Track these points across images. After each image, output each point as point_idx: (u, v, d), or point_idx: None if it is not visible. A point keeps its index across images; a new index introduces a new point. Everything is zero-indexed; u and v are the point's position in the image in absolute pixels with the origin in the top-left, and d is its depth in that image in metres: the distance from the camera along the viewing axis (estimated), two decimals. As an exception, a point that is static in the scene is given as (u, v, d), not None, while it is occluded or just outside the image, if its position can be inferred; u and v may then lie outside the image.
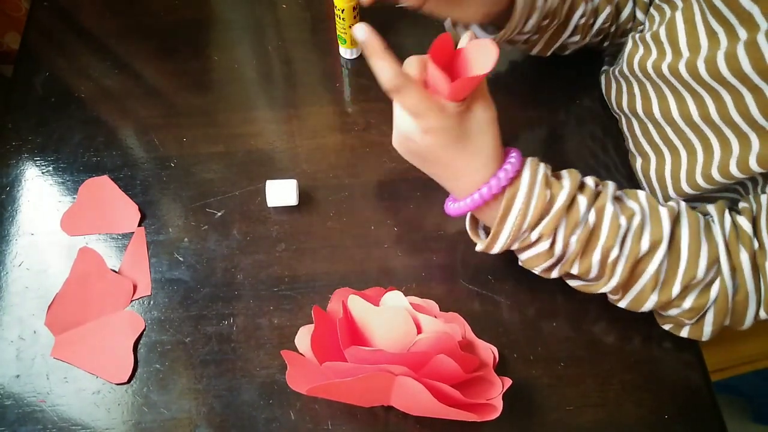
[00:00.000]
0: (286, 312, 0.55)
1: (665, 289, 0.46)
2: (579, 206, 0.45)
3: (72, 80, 0.67)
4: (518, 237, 0.46)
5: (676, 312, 0.48)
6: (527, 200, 0.45)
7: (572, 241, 0.46)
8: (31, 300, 0.55)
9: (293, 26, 0.72)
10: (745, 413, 1.18)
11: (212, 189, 0.61)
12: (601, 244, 0.45)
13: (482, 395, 0.46)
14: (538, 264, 0.48)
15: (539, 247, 0.47)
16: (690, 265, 0.45)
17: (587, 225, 0.45)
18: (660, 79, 0.53)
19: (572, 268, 0.48)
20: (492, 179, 0.45)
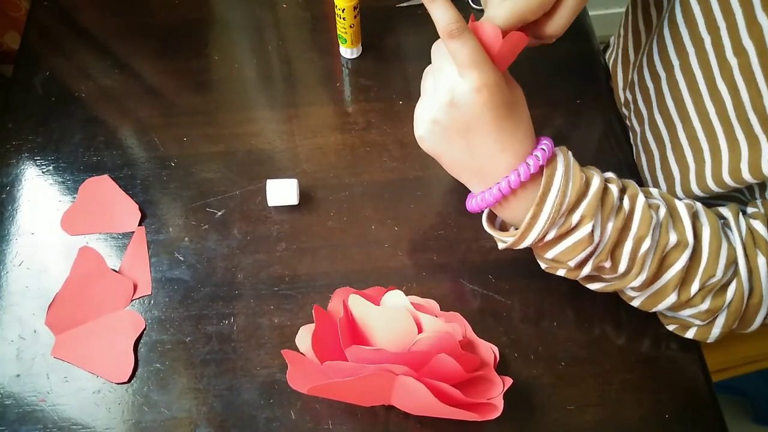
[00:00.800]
0: (286, 311, 0.55)
1: (685, 288, 0.45)
2: (612, 192, 0.44)
3: (72, 80, 0.67)
4: (557, 221, 0.43)
5: (690, 312, 0.47)
6: (566, 180, 0.42)
7: (609, 227, 0.43)
8: (32, 299, 0.55)
9: (293, 26, 0.72)
10: (745, 413, 1.18)
11: (212, 188, 0.61)
12: (633, 233, 0.44)
13: (483, 395, 0.46)
14: (575, 255, 0.44)
15: (580, 232, 0.43)
16: (710, 263, 0.44)
17: (623, 211, 0.43)
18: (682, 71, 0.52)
19: (606, 261, 0.45)
20: (529, 157, 0.42)
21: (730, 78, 0.46)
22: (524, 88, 0.67)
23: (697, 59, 0.50)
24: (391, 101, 0.66)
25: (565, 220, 0.43)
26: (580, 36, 0.71)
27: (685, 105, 0.52)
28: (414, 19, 0.72)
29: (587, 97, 0.67)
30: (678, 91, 0.53)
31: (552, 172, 0.42)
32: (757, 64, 0.43)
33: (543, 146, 0.43)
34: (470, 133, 0.42)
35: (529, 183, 0.43)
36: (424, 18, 0.72)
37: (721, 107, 0.48)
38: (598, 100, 0.67)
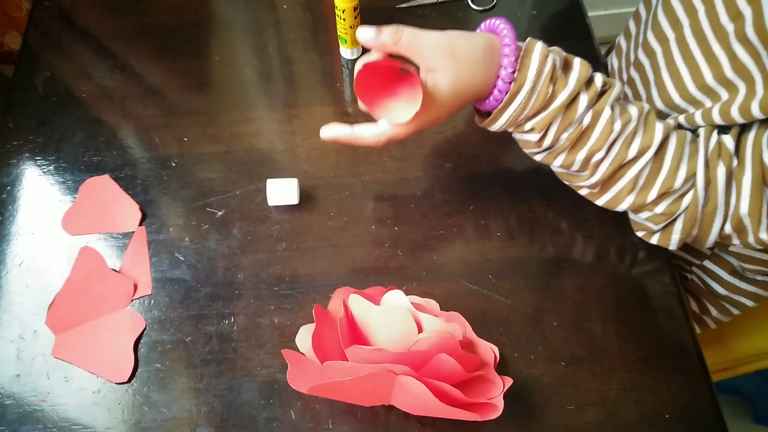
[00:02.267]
0: (286, 311, 0.55)
1: (642, 194, 0.50)
2: (578, 106, 0.47)
3: (73, 80, 0.67)
4: (514, 124, 0.49)
5: (647, 215, 0.52)
6: (528, 96, 0.46)
7: (562, 138, 0.48)
8: (32, 299, 0.55)
9: (293, 26, 0.72)
10: (745, 413, 1.18)
11: (213, 188, 0.61)
12: (588, 145, 0.48)
13: (483, 394, 0.46)
14: (525, 147, 0.52)
15: (530, 136, 0.49)
16: (669, 175, 0.48)
17: (581, 125, 0.47)
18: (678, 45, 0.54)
19: (555, 161, 0.50)
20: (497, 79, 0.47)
21: (726, 43, 0.48)
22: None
23: (691, 30, 0.52)
24: (392, 101, 0.66)
25: (521, 124, 0.48)
26: (580, 36, 0.71)
27: (681, 76, 0.53)
28: (414, 20, 0.72)
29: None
30: (674, 65, 0.54)
31: (518, 87, 0.46)
32: (751, 27, 0.45)
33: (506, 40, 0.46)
34: (443, 108, 0.48)
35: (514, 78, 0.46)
36: (424, 18, 0.72)
37: (718, 71, 0.49)
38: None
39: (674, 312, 0.55)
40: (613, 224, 0.59)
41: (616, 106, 0.48)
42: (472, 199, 0.60)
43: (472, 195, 0.61)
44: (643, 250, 0.58)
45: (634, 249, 0.58)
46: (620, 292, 0.56)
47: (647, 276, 0.57)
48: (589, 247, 0.58)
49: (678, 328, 0.54)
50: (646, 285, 0.56)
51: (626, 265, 0.57)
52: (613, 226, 0.59)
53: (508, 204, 0.60)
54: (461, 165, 0.62)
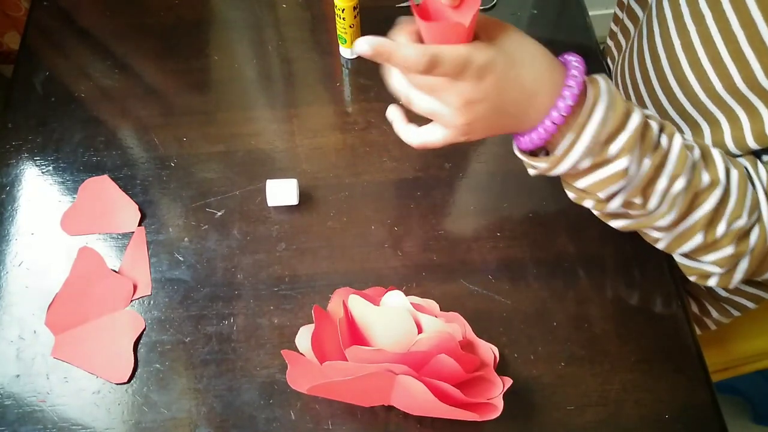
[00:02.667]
0: (286, 312, 0.55)
1: (711, 229, 0.45)
2: (653, 128, 0.42)
3: (72, 80, 0.67)
4: (594, 149, 0.41)
5: (714, 257, 0.47)
6: (609, 106, 0.41)
7: (645, 164, 0.42)
8: (31, 299, 0.55)
9: (293, 26, 0.72)
10: (745, 413, 1.18)
11: (212, 188, 0.61)
12: (669, 171, 0.43)
13: (483, 395, 0.46)
14: (606, 187, 0.43)
15: (616, 165, 0.42)
16: (738, 205, 0.44)
17: (660, 148, 0.42)
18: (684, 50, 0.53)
19: (637, 197, 0.44)
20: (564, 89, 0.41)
21: (737, 51, 0.46)
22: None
23: (698, 36, 0.50)
24: (391, 101, 0.66)
25: (602, 150, 0.41)
26: (580, 35, 0.71)
27: (689, 83, 0.52)
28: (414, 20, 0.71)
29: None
30: (680, 70, 0.53)
31: (595, 100, 0.40)
32: (766, 34, 0.43)
33: (574, 71, 0.41)
34: (497, 111, 0.42)
35: (570, 116, 0.41)
36: (424, 18, 0.72)
37: (727, 80, 0.48)
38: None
39: (674, 312, 0.55)
40: (613, 224, 0.59)
41: None
42: (472, 199, 0.60)
43: (472, 195, 0.61)
44: (643, 250, 0.58)
45: (634, 249, 0.58)
46: (620, 292, 0.56)
47: (647, 276, 0.57)
48: (589, 248, 0.58)
49: (678, 328, 0.54)
50: (646, 285, 0.56)
51: (626, 266, 0.57)
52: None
53: (508, 204, 0.60)
54: (461, 165, 0.62)
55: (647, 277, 0.57)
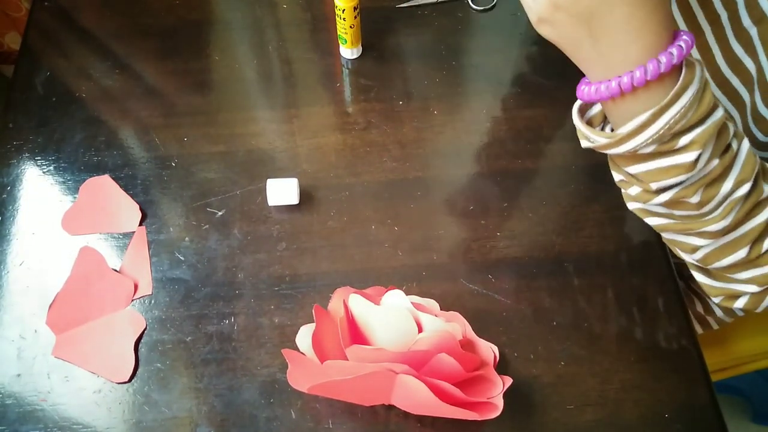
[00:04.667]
0: (286, 311, 0.55)
1: (758, 243, 0.42)
2: (729, 128, 0.39)
3: (72, 80, 0.67)
4: (664, 138, 0.37)
5: (752, 274, 0.44)
6: (697, 95, 0.36)
7: (714, 163, 0.39)
8: (32, 299, 0.55)
9: (293, 26, 0.72)
10: (745, 413, 1.18)
11: (213, 188, 0.61)
12: (735, 174, 0.39)
13: (483, 394, 0.46)
14: (662, 178, 0.39)
15: (683, 157, 0.38)
16: None
17: (731, 149, 0.39)
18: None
19: (694, 195, 0.40)
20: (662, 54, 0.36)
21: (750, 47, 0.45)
22: (524, 88, 0.67)
23: (714, 36, 0.49)
24: (391, 101, 0.66)
25: (671, 138, 0.38)
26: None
27: None
28: (414, 19, 0.72)
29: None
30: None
31: (687, 83, 0.36)
32: None
33: (681, 42, 0.36)
34: (594, 20, 0.36)
35: (654, 84, 0.37)
36: (424, 18, 0.72)
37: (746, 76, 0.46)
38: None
39: (674, 312, 0.55)
40: (613, 225, 0.59)
41: None
42: (473, 199, 0.60)
43: (472, 195, 0.61)
44: (642, 250, 0.58)
45: (634, 249, 0.58)
46: (620, 292, 0.56)
47: (647, 276, 0.57)
48: (589, 247, 0.58)
49: (678, 328, 0.54)
50: (646, 285, 0.56)
51: (626, 265, 0.57)
52: (612, 226, 0.59)
53: (508, 204, 0.60)
54: (461, 165, 0.62)
55: (647, 276, 0.57)
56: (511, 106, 0.66)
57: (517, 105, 0.66)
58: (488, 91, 0.67)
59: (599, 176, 0.61)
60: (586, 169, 0.62)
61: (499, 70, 0.68)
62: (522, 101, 0.66)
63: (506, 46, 0.70)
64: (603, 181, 0.61)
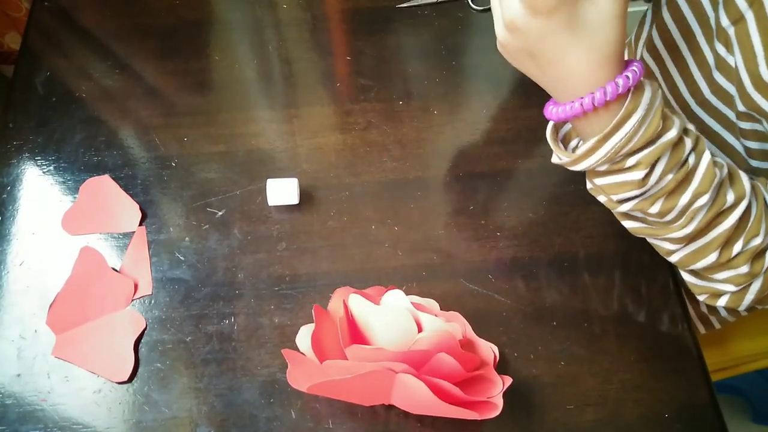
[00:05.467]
0: (286, 311, 0.55)
1: (728, 247, 0.45)
2: (685, 144, 0.42)
3: (73, 80, 0.67)
4: (614, 158, 0.42)
5: (727, 275, 0.46)
6: (641, 122, 0.40)
7: (667, 178, 0.42)
8: (32, 299, 0.55)
9: (293, 26, 0.72)
10: (745, 413, 1.18)
11: (213, 188, 0.61)
12: (693, 187, 0.42)
13: (483, 393, 0.46)
14: (618, 192, 0.44)
15: (631, 175, 0.42)
16: (755, 224, 0.44)
17: (687, 165, 0.42)
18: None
19: (652, 207, 0.44)
20: (609, 84, 0.39)
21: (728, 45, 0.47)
22: (524, 88, 0.67)
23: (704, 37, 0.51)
24: (391, 101, 0.66)
25: (622, 158, 0.42)
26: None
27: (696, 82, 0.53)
28: (414, 19, 0.72)
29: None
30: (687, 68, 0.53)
31: (629, 112, 0.40)
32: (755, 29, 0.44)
33: (629, 73, 0.39)
34: (534, 57, 0.41)
35: (613, 103, 0.40)
36: (424, 18, 0.72)
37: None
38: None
39: (674, 312, 0.55)
40: (613, 225, 0.59)
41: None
42: (472, 199, 0.60)
43: (472, 195, 0.61)
44: (642, 250, 0.58)
45: (634, 249, 0.58)
46: (620, 292, 0.56)
47: (647, 276, 0.57)
48: (589, 248, 0.58)
49: (678, 328, 0.54)
50: (646, 285, 0.56)
51: (626, 265, 0.57)
52: (612, 226, 0.59)
53: (508, 204, 0.60)
54: (461, 165, 0.62)
55: (647, 276, 0.57)
56: (511, 106, 0.66)
57: (517, 105, 0.66)
58: (488, 91, 0.67)
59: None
60: (586, 169, 0.62)
61: (499, 70, 0.68)
62: (522, 101, 0.66)
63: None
64: (603, 181, 0.61)
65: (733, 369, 0.85)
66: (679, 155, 0.42)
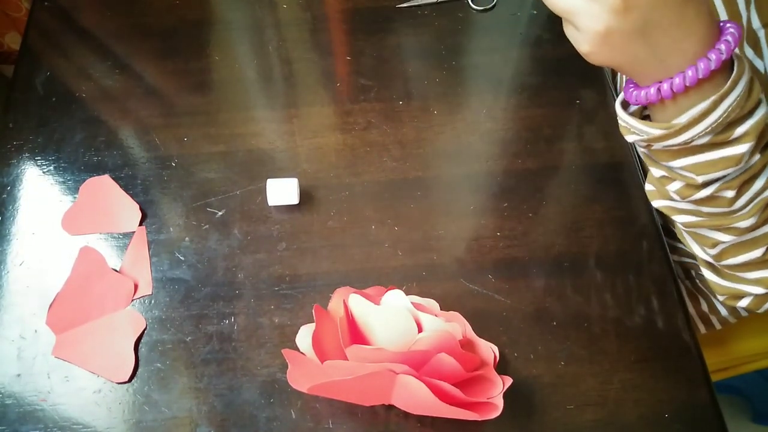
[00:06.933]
0: (286, 311, 0.55)
1: None
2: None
3: (72, 80, 0.67)
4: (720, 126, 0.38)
5: (761, 275, 0.45)
6: (750, 84, 0.37)
7: (756, 157, 0.39)
8: (32, 299, 0.55)
9: (293, 26, 0.72)
10: (745, 413, 1.18)
11: (213, 188, 0.61)
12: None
13: (483, 394, 0.46)
14: (711, 171, 0.40)
15: (737, 148, 0.39)
16: None
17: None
18: None
19: (730, 191, 0.41)
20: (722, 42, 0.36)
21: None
22: (524, 88, 0.67)
23: None
24: (391, 101, 0.66)
25: (726, 129, 0.38)
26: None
27: None
28: (414, 19, 0.72)
29: (587, 97, 0.67)
30: None
31: (740, 73, 0.37)
32: None
33: (728, 36, 0.37)
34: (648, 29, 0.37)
35: (704, 81, 0.37)
36: (424, 18, 0.72)
37: None
38: (598, 100, 0.67)
39: (674, 312, 0.55)
40: (613, 225, 0.59)
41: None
42: (472, 199, 0.60)
43: (472, 195, 0.61)
44: (643, 250, 0.58)
45: (634, 249, 0.58)
46: (620, 292, 0.56)
47: (647, 276, 0.57)
48: (589, 248, 0.58)
49: (678, 328, 0.54)
50: (646, 285, 0.56)
51: (626, 265, 0.57)
52: (612, 226, 0.59)
53: (508, 204, 0.60)
54: (461, 165, 0.62)
55: (647, 276, 0.57)
56: (511, 106, 0.66)
57: (517, 105, 0.66)
58: (488, 91, 0.67)
59: (599, 176, 0.61)
60: (586, 169, 0.62)
61: (499, 70, 0.68)
62: (522, 101, 0.66)
63: (506, 46, 0.70)
64: (603, 181, 0.61)
65: (733, 369, 0.85)
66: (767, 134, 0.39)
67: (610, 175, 0.62)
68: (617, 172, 0.63)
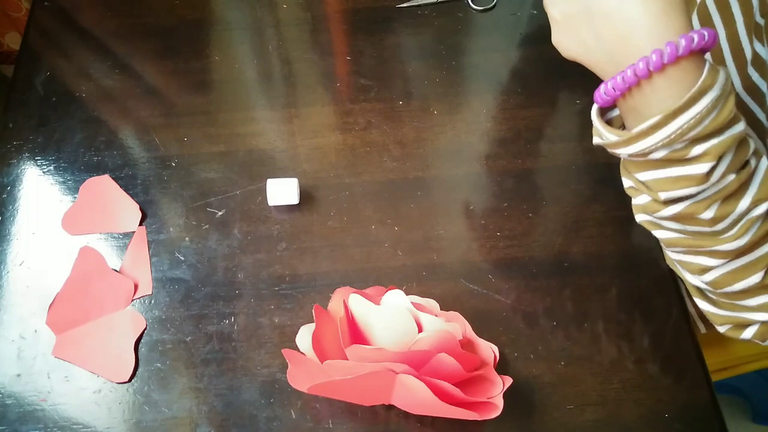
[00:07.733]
0: (287, 311, 0.55)
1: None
2: (749, 145, 0.37)
3: (72, 80, 0.67)
4: (677, 143, 0.35)
5: (764, 301, 0.41)
6: (716, 102, 0.34)
7: (729, 178, 0.37)
8: (32, 299, 0.55)
9: (293, 26, 0.72)
10: (745, 413, 1.18)
11: (213, 188, 0.61)
12: (752, 193, 0.37)
13: (483, 394, 0.46)
14: (671, 189, 0.38)
15: (695, 167, 0.36)
16: None
17: (749, 167, 0.37)
18: None
19: (706, 211, 0.38)
20: (683, 37, 0.33)
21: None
22: (524, 88, 0.67)
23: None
24: (391, 101, 0.66)
25: (685, 146, 0.35)
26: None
27: None
28: (414, 19, 0.72)
29: (587, 97, 0.67)
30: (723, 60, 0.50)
31: (706, 87, 0.34)
32: None
33: (703, 31, 0.34)
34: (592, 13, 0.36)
35: (673, 72, 0.34)
36: (424, 18, 0.72)
37: None
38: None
39: (674, 312, 0.55)
40: (613, 225, 0.59)
41: None
42: (472, 199, 0.60)
43: (472, 195, 0.61)
44: (643, 250, 0.58)
45: (634, 249, 0.58)
46: (620, 292, 0.56)
47: (647, 276, 0.57)
48: (589, 247, 0.58)
49: (678, 328, 0.54)
50: (646, 285, 0.56)
51: (626, 265, 0.57)
52: (612, 226, 0.59)
53: (508, 204, 0.60)
54: (461, 165, 0.62)
55: (647, 276, 0.57)
56: (511, 106, 0.66)
57: (517, 105, 0.66)
58: (488, 91, 0.67)
59: (599, 176, 0.61)
60: (586, 169, 0.62)
61: (499, 70, 0.68)
62: (522, 101, 0.66)
63: (506, 46, 0.70)
64: (603, 181, 0.61)
65: (733, 369, 0.85)
66: (744, 154, 0.37)
67: (610, 175, 0.62)
68: (617, 172, 0.62)
